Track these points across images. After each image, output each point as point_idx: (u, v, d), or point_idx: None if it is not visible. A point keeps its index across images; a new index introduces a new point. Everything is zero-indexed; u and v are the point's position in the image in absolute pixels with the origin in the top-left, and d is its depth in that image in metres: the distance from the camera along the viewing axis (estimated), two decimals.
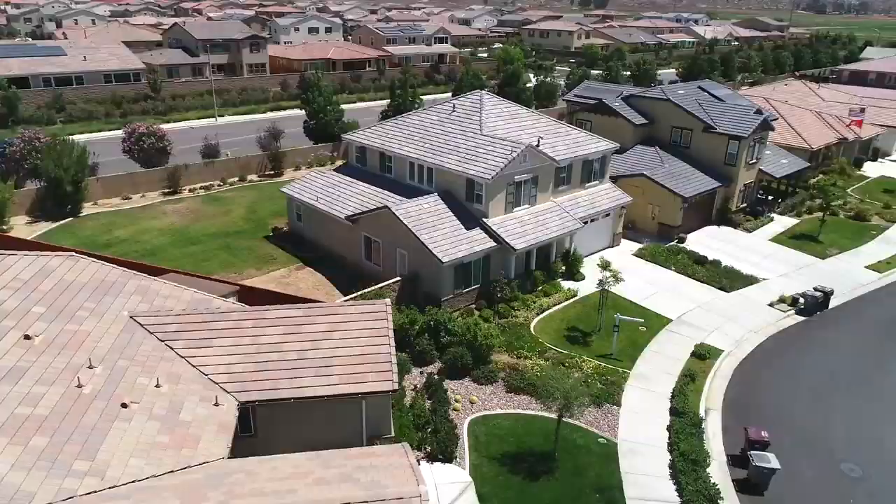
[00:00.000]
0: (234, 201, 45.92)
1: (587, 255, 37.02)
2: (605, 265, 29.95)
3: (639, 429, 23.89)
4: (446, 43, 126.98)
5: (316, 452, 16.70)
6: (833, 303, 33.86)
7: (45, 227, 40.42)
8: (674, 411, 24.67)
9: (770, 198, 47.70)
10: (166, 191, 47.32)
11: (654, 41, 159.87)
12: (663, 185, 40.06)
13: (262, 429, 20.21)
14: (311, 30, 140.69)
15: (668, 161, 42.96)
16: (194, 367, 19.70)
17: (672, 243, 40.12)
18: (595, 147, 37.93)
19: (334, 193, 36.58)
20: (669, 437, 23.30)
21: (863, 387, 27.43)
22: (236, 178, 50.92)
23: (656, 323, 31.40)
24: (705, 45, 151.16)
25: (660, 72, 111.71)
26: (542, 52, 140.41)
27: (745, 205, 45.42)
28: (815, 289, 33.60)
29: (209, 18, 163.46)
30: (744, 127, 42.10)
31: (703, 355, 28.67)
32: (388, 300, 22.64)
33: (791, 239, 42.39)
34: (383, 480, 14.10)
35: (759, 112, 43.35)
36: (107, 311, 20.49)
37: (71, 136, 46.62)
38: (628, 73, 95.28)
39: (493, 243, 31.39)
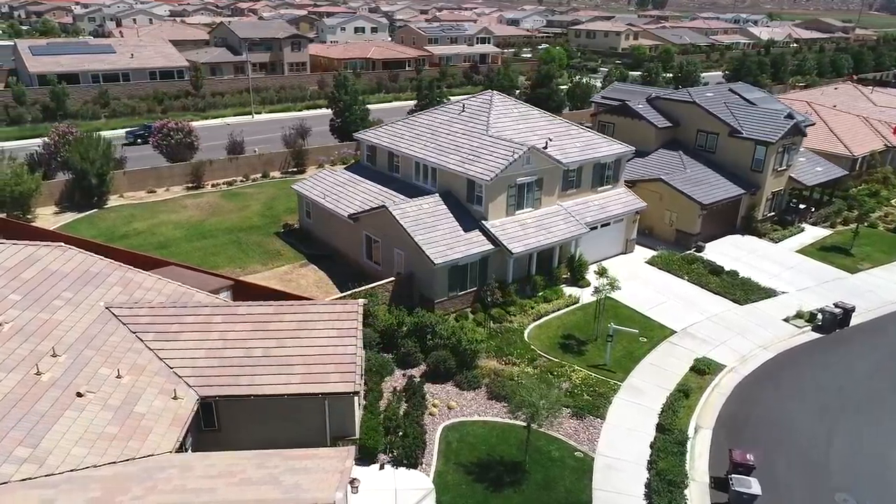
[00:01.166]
0: (252, 197, 46.68)
1: (598, 262, 35.90)
2: (602, 272, 28.97)
3: (620, 444, 22.94)
4: (489, 43, 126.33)
5: (258, 451, 16.66)
6: (855, 320, 31.85)
7: (70, 217, 42.00)
8: (660, 428, 23.60)
9: (803, 207, 45.31)
10: (190, 185, 48.51)
11: (706, 42, 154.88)
12: (681, 190, 38.56)
13: (226, 424, 20.30)
14: (358, 29, 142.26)
15: (690, 166, 41.37)
16: (161, 359, 19.94)
17: (689, 251, 38.56)
18: (608, 150, 36.80)
19: (341, 192, 36.67)
20: (651, 455, 22.29)
21: (873, 411, 25.64)
22: (259, 175, 51.78)
23: (659, 334, 30.21)
24: (760, 46, 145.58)
25: (707, 74, 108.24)
26: (588, 52, 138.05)
27: (772, 213, 43.30)
28: (836, 304, 31.68)
29: (260, 18, 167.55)
30: (771, 132, 40.11)
31: (703, 370, 27.37)
32: (360, 301, 22.47)
33: (819, 251, 40.14)
34: (306, 484, 13.87)
35: (789, 116, 41.23)
36: (84, 300, 20.95)
37: (100, 132, 48.23)
38: (670, 74, 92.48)
39: (490, 246, 30.81)
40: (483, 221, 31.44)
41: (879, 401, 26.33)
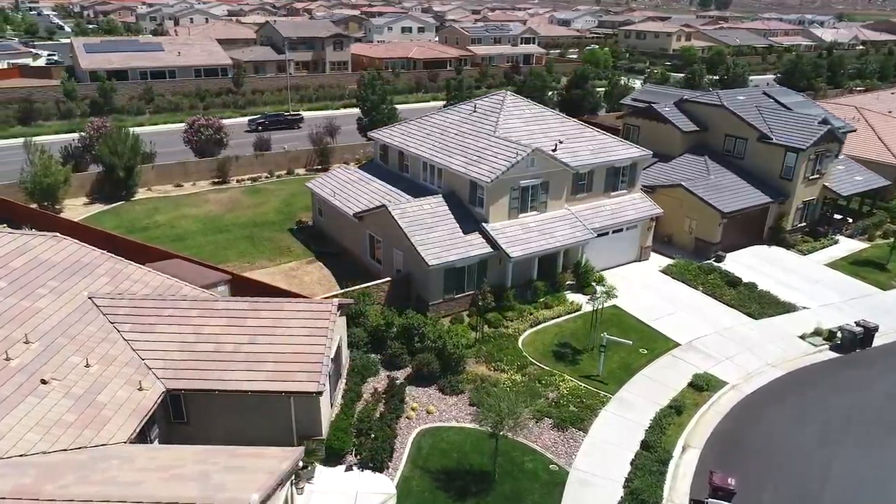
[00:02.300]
0: (273, 194, 47.38)
1: (610, 269, 34.95)
2: (600, 279, 28.01)
3: (599, 459, 22.06)
4: (533, 44, 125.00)
5: (207, 447, 16.72)
6: (879, 340, 29.81)
7: (97, 208, 43.57)
8: (644, 445, 22.59)
9: (839, 217, 42.81)
10: (216, 180, 49.63)
11: (763, 44, 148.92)
12: (701, 197, 36.97)
13: (195, 417, 20.49)
14: (405, 29, 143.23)
15: (715, 172, 39.65)
16: (134, 350, 20.30)
17: (707, 261, 36.92)
18: (623, 154, 35.62)
19: (350, 190, 36.76)
20: (629, 472, 21.35)
21: (883, 440, 23.83)
22: (284, 172, 52.55)
23: (662, 346, 29.01)
24: (822, 48, 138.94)
25: (759, 77, 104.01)
26: (636, 54, 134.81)
27: (804, 224, 41.05)
28: (857, 323, 29.73)
29: (311, 17, 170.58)
30: (803, 138, 38.02)
31: (701, 386, 26.09)
32: (335, 301, 22.36)
33: (851, 265, 37.78)
34: (232, 484, 13.76)
35: (824, 122, 38.99)
36: (68, 290, 21.53)
37: (135, 128, 49.78)
38: (716, 77, 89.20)
39: (489, 249, 30.26)
40: (484, 224, 30.91)
41: (890, 429, 24.48)
